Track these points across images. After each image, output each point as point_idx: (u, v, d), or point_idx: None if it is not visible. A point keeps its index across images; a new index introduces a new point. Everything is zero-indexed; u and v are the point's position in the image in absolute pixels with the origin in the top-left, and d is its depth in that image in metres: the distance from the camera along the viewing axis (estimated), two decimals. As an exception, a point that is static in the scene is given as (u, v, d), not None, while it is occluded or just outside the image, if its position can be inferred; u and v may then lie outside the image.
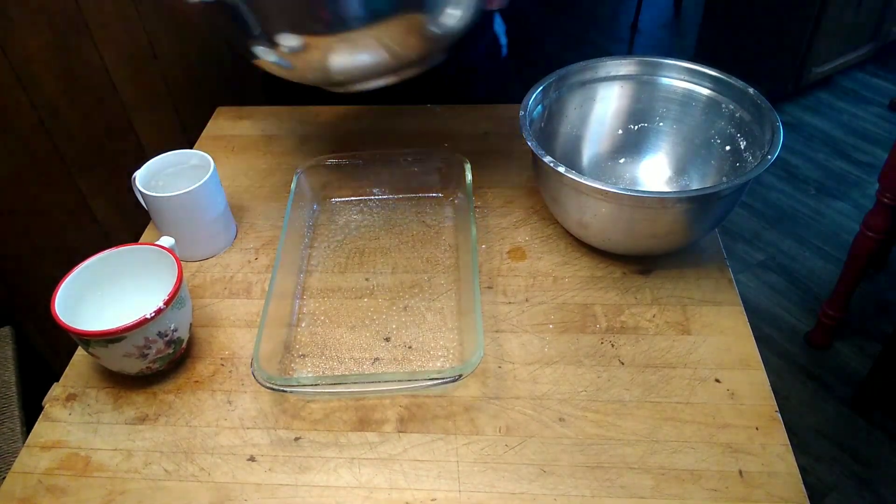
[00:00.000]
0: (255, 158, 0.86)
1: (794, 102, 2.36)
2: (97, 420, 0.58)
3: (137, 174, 0.69)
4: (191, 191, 0.67)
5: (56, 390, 0.61)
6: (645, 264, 0.69)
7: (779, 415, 0.55)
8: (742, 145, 0.69)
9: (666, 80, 0.74)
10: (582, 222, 0.66)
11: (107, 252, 0.61)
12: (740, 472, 0.52)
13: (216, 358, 0.63)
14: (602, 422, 0.56)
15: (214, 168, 0.69)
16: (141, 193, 0.69)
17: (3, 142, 1.16)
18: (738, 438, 0.54)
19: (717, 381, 0.58)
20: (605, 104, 0.77)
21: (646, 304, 0.65)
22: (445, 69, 0.70)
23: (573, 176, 0.60)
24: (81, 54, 1.14)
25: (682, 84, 0.73)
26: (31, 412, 0.97)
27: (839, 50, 2.31)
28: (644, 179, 0.77)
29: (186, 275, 0.71)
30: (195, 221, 0.70)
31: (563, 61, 0.75)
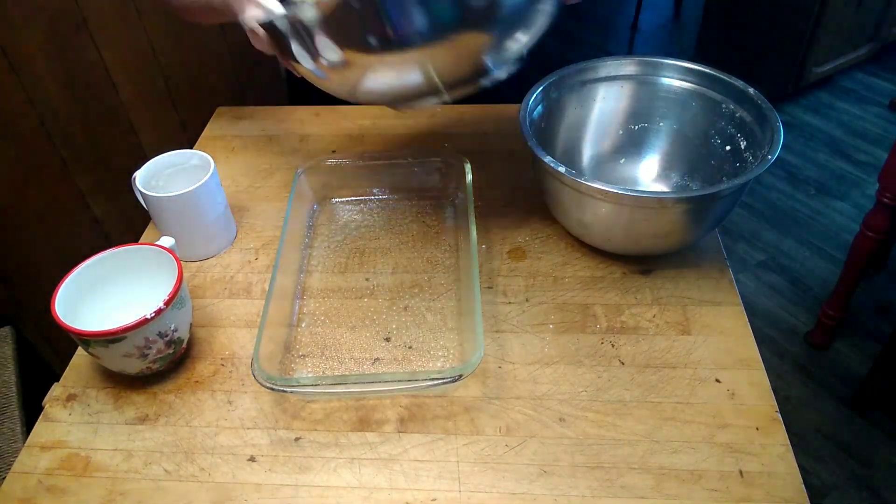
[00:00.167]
0: (255, 158, 0.86)
1: (794, 102, 2.36)
2: (97, 420, 0.58)
3: (137, 174, 0.69)
4: (191, 191, 0.67)
5: (56, 390, 0.61)
6: (645, 264, 0.69)
7: (779, 415, 0.55)
8: (742, 145, 0.69)
9: (666, 80, 0.74)
10: (582, 222, 0.66)
11: (107, 252, 0.61)
12: (740, 472, 0.52)
13: (216, 358, 0.63)
14: (602, 422, 0.56)
15: (214, 168, 0.69)
16: (141, 193, 0.69)
17: (4, 142, 1.16)
18: (738, 438, 0.54)
19: (718, 381, 0.58)
20: (605, 104, 0.77)
21: (646, 304, 0.65)
22: None
23: (573, 176, 0.60)
24: (81, 54, 1.14)
25: (683, 84, 0.73)
26: (31, 412, 0.97)
27: (839, 50, 2.30)
28: (644, 179, 0.77)
29: (186, 275, 0.71)
30: (195, 221, 0.70)
31: (563, 61, 0.75)
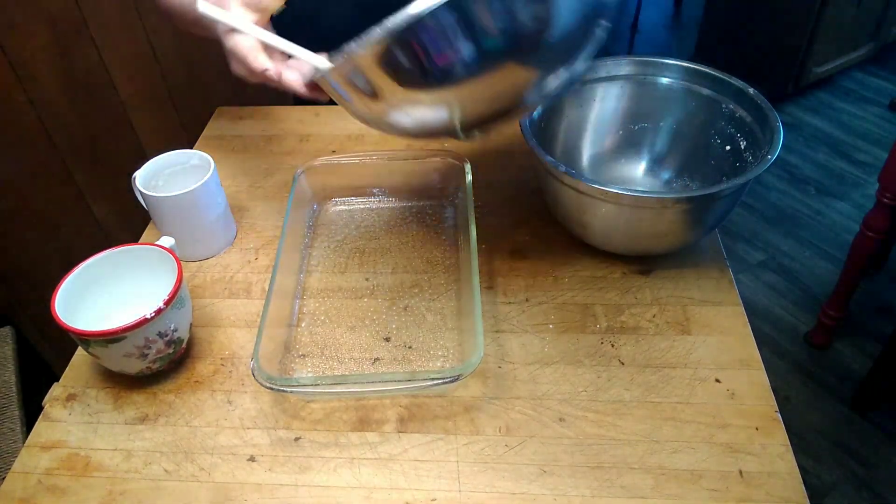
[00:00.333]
0: (255, 158, 0.86)
1: (794, 102, 2.36)
2: (97, 420, 0.58)
3: (137, 174, 0.69)
4: (191, 191, 0.67)
5: (56, 390, 0.61)
6: (645, 264, 0.69)
7: (779, 415, 0.55)
8: (742, 145, 0.69)
9: (666, 80, 0.74)
10: (582, 222, 0.66)
11: (107, 252, 0.61)
12: (740, 472, 0.52)
13: (216, 358, 0.63)
14: (602, 422, 0.56)
15: (214, 168, 0.69)
16: (141, 193, 0.69)
17: (3, 141, 1.16)
18: (738, 438, 0.54)
19: (717, 381, 0.58)
20: (605, 104, 0.77)
21: (646, 304, 0.65)
22: None
23: (573, 176, 0.60)
24: (81, 54, 1.14)
25: (682, 84, 0.73)
26: (31, 412, 0.97)
27: (839, 50, 2.30)
28: (644, 179, 0.77)
29: (186, 275, 0.71)
30: (195, 221, 0.70)
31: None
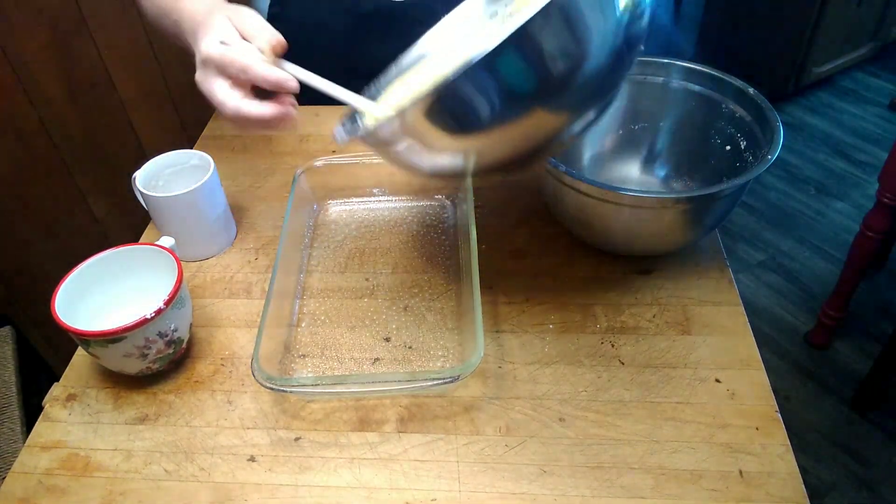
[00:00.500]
0: (255, 158, 0.86)
1: (794, 102, 2.36)
2: (97, 420, 0.58)
3: (137, 174, 0.69)
4: (191, 191, 0.67)
5: (56, 390, 0.61)
6: (645, 264, 0.69)
7: (779, 415, 0.55)
8: (742, 145, 0.69)
9: (666, 80, 0.74)
10: (582, 222, 0.66)
11: (107, 252, 0.61)
12: (740, 472, 0.52)
13: (216, 358, 0.63)
14: (602, 422, 0.56)
15: (214, 168, 0.69)
16: (141, 193, 0.69)
17: (3, 141, 1.16)
18: (738, 438, 0.54)
19: (717, 381, 0.58)
20: (605, 104, 0.77)
21: (646, 304, 0.65)
22: None
23: (573, 176, 0.60)
24: (81, 54, 1.14)
25: (682, 84, 0.73)
26: (31, 412, 0.97)
27: (839, 50, 2.31)
28: (644, 179, 0.77)
29: (186, 275, 0.71)
30: (195, 221, 0.70)
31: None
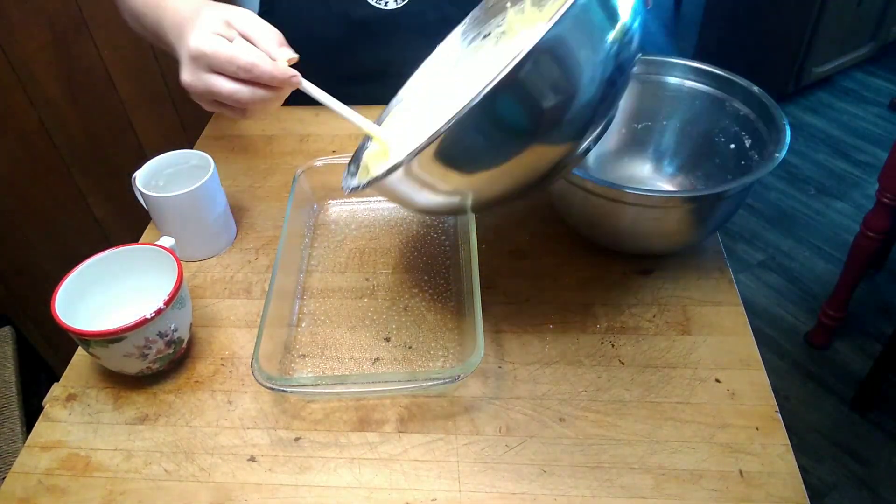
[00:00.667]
0: (255, 158, 0.86)
1: (794, 102, 2.36)
2: (97, 420, 0.58)
3: (137, 174, 0.69)
4: (191, 191, 0.67)
5: (56, 390, 0.61)
6: (645, 264, 0.69)
7: (779, 415, 0.55)
8: (747, 144, 0.68)
9: (669, 79, 0.73)
10: (589, 221, 0.66)
11: (107, 252, 0.61)
12: (740, 472, 0.52)
13: (216, 358, 0.63)
14: (602, 422, 0.56)
15: (214, 168, 0.69)
16: (141, 193, 0.69)
17: (3, 141, 1.16)
18: (738, 438, 0.54)
19: (717, 381, 0.58)
20: (607, 103, 0.77)
21: (646, 304, 0.65)
22: None
23: (578, 174, 0.60)
24: (81, 54, 1.14)
25: (686, 82, 0.73)
26: (31, 412, 0.97)
27: (839, 50, 2.30)
28: (648, 178, 0.77)
29: (186, 275, 0.71)
30: (195, 221, 0.70)
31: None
